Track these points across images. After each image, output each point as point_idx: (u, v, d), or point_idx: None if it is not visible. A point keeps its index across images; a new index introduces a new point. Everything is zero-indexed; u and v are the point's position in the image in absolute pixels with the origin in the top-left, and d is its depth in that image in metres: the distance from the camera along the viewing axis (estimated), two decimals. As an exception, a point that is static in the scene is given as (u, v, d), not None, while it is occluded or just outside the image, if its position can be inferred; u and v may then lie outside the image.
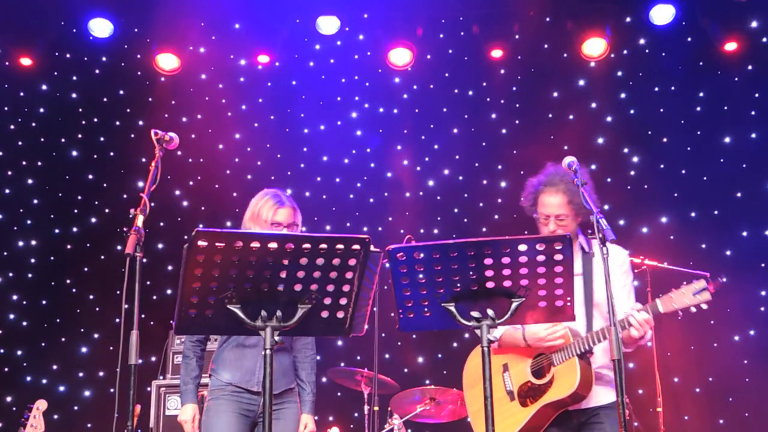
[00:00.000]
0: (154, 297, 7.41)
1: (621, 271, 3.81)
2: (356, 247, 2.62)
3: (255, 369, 3.83)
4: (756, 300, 7.23)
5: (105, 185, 7.82)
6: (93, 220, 7.79)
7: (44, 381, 7.39)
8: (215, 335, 4.29)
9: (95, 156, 7.86)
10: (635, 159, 7.69)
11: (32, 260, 7.67)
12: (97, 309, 7.56)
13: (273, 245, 2.56)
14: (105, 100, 7.90)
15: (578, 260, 3.80)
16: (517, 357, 3.88)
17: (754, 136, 7.46)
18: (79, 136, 7.87)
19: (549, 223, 3.77)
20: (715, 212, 7.44)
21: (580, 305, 3.72)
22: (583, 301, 3.75)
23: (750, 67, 7.40)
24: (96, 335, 7.52)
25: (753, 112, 7.48)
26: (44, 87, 7.82)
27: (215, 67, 7.88)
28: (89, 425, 7.27)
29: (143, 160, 7.44)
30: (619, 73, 7.75)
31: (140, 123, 7.84)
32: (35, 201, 7.76)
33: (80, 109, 7.87)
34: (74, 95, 7.87)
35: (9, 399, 7.32)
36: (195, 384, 3.90)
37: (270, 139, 7.97)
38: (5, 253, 7.61)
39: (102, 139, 7.91)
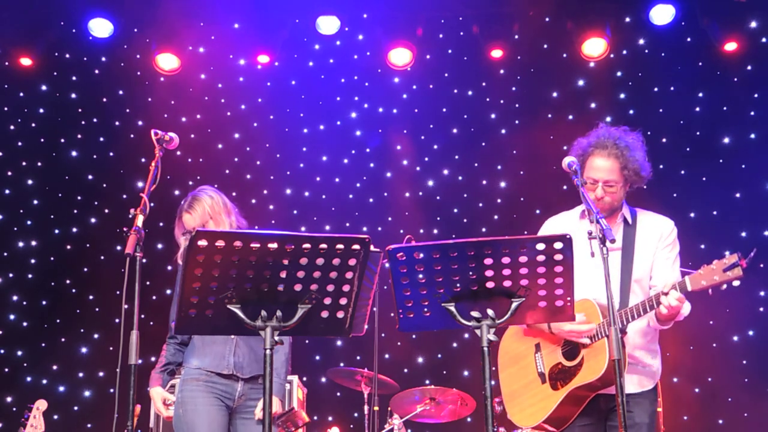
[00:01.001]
0: (154, 297, 7.41)
1: (663, 245, 3.67)
2: (356, 247, 2.62)
3: (225, 353, 3.81)
4: (755, 300, 7.24)
5: (105, 185, 7.82)
6: (93, 220, 7.79)
7: (44, 381, 7.39)
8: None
9: (95, 156, 7.86)
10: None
11: (32, 261, 7.67)
12: (97, 309, 7.56)
13: (273, 245, 2.56)
14: (105, 100, 7.90)
15: (619, 232, 3.66)
16: (549, 338, 3.71)
17: (753, 136, 7.46)
18: (79, 136, 7.87)
19: (597, 188, 3.58)
20: (715, 212, 7.44)
21: (616, 279, 3.59)
22: (620, 275, 3.60)
23: (749, 68, 7.40)
24: (96, 335, 7.52)
25: (752, 113, 7.48)
26: (44, 87, 7.82)
27: (215, 67, 7.88)
28: (89, 425, 7.28)
29: (143, 160, 7.44)
30: (619, 74, 7.75)
31: (140, 123, 7.83)
32: (35, 201, 7.76)
33: (80, 110, 7.87)
34: (74, 95, 7.87)
35: (9, 399, 7.32)
36: (160, 371, 3.93)
37: (269, 139, 7.97)
38: (5, 254, 7.61)
39: (102, 139, 7.90)
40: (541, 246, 2.69)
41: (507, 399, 3.86)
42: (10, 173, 7.73)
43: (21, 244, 7.67)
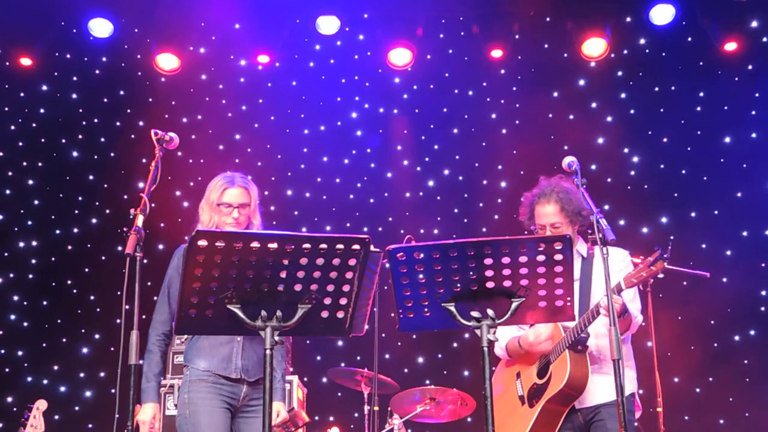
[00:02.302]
0: (155, 297, 7.38)
1: (615, 270, 3.77)
2: (356, 247, 2.62)
3: (231, 356, 3.78)
4: (756, 300, 7.24)
5: (105, 186, 7.82)
6: (93, 220, 7.79)
7: (45, 381, 7.39)
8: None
9: (95, 156, 7.86)
10: (635, 159, 7.69)
11: (33, 261, 7.68)
12: (98, 309, 7.56)
13: (273, 245, 2.56)
14: (105, 100, 7.90)
15: (577, 265, 3.85)
16: (526, 363, 3.95)
17: (754, 135, 7.46)
18: (80, 136, 7.87)
19: (545, 233, 3.86)
20: (716, 212, 7.44)
21: (575, 310, 3.74)
22: (578, 305, 3.76)
23: (750, 67, 7.40)
24: (96, 335, 7.52)
25: (753, 112, 7.48)
26: (44, 87, 7.82)
27: (215, 67, 7.89)
28: (90, 425, 7.28)
29: (143, 160, 7.43)
30: (620, 73, 7.75)
31: (140, 123, 7.84)
32: (36, 202, 7.77)
33: (80, 110, 7.87)
34: (74, 95, 7.87)
35: (10, 399, 7.33)
36: (157, 381, 3.79)
37: (270, 139, 7.97)
38: (6, 254, 7.62)
39: (102, 139, 7.91)
40: (541, 246, 2.69)
41: (498, 427, 3.95)
42: (10, 173, 7.74)
43: (22, 244, 7.67)
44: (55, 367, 7.45)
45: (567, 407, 3.70)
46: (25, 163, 7.77)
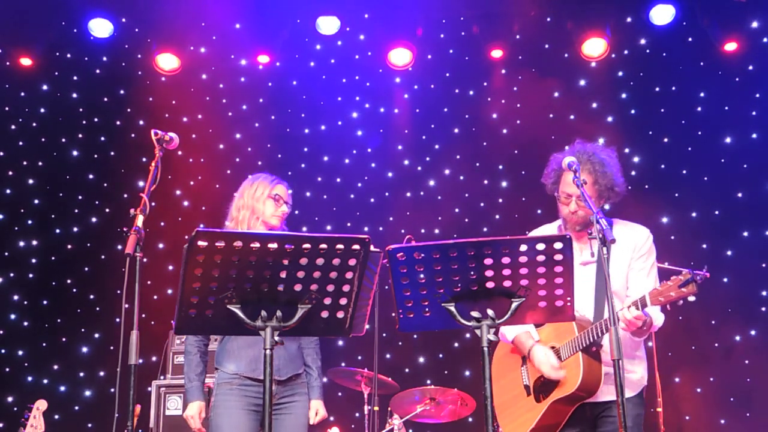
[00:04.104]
0: (155, 297, 7.41)
1: (637, 255, 3.67)
2: (356, 247, 2.62)
3: (260, 357, 3.75)
4: (757, 300, 7.24)
5: (105, 185, 7.82)
6: (93, 220, 7.79)
7: (45, 381, 7.39)
8: (215, 335, 4.27)
9: (96, 156, 7.86)
10: (636, 159, 7.69)
11: (33, 260, 7.68)
12: (98, 309, 7.56)
13: (273, 245, 2.56)
14: (105, 100, 7.90)
15: (595, 246, 3.65)
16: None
17: (754, 136, 7.46)
18: (80, 136, 7.87)
19: (570, 203, 3.62)
20: (716, 212, 7.44)
21: (590, 293, 3.65)
22: (593, 288, 3.64)
23: (750, 67, 7.40)
24: (96, 335, 7.52)
25: (754, 112, 7.48)
26: (45, 87, 7.82)
27: (216, 67, 7.89)
28: (90, 425, 7.28)
29: (144, 160, 7.43)
30: (620, 73, 7.75)
31: (141, 123, 7.84)
32: (36, 201, 7.76)
33: (81, 109, 7.87)
34: (75, 95, 7.87)
35: (10, 399, 7.32)
36: (200, 380, 3.83)
37: (271, 139, 7.97)
38: (6, 253, 7.61)
39: (102, 139, 7.91)
40: (541, 246, 2.69)
41: (498, 410, 3.94)
42: (11, 173, 7.73)
43: (22, 243, 7.67)
44: (55, 367, 7.45)
45: (575, 405, 3.62)
46: (25, 163, 7.77)
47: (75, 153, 7.88)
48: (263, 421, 3.76)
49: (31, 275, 7.62)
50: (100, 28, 7.32)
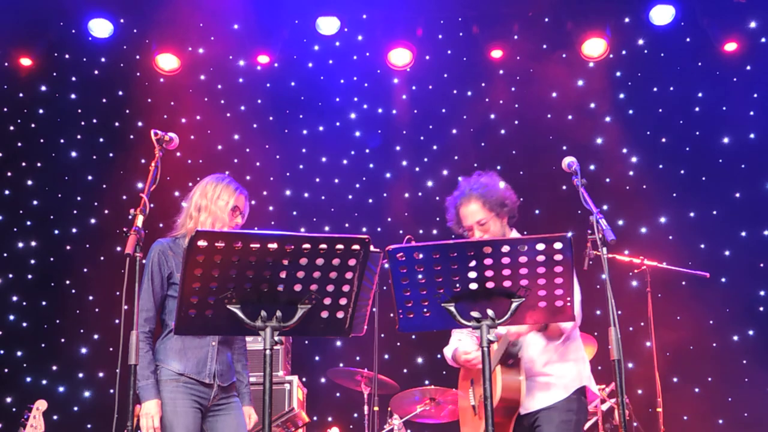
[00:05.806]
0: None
1: None
2: (356, 247, 2.62)
3: (206, 360, 3.74)
4: (755, 300, 7.25)
5: (104, 186, 7.81)
6: (92, 220, 7.79)
7: (44, 381, 7.38)
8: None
9: (94, 157, 7.86)
10: (634, 159, 7.70)
11: (32, 261, 7.67)
12: (97, 310, 7.55)
13: (273, 245, 2.56)
14: (104, 100, 7.90)
15: None
16: (478, 371, 3.91)
17: (752, 136, 7.47)
18: (79, 136, 7.86)
19: (474, 233, 3.83)
20: (714, 212, 7.45)
21: None
22: None
23: (749, 68, 7.41)
24: (96, 336, 7.52)
25: (752, 113, 7.49)
26: (43, 88, 7.81)
27: (214, 67, 7.89)
28: (89, 426, 7.27)
29: (143, 160, 7.43)
30: (618, 74, 7.76)
31: (139, 124, 7.83)
32: (35, 202, 7.76)
33: (79, 110, 7.86)
34: (73, 96, 7.87)
35: (9, 399, 7.32)
36: (155, 378, 3.70)
37: (269, 140, 7.97)
38: (5, 254, 7.61)
39: (101, 139, 7.90)
40: (540, 246, 2.69)
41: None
42: (9, 174, 7.73)
43: (21, 244, 7.66)
44: (54, 368, 7.44)
45: (512, 418, 3.69)
46: (24, 164, 7.76)
47: (74, 154, 7.87)
48: (204, 420, 3.78)
49: (30, 276, 7.62)
50: (100, 28, 7.32)
